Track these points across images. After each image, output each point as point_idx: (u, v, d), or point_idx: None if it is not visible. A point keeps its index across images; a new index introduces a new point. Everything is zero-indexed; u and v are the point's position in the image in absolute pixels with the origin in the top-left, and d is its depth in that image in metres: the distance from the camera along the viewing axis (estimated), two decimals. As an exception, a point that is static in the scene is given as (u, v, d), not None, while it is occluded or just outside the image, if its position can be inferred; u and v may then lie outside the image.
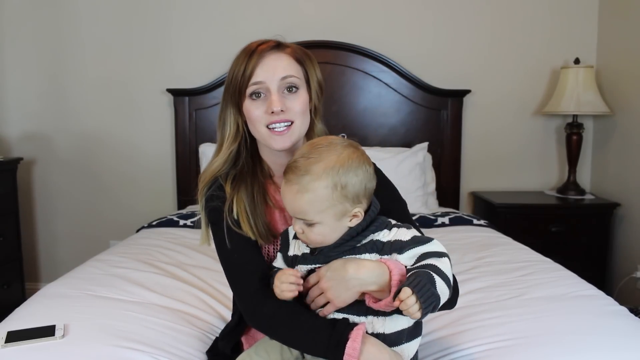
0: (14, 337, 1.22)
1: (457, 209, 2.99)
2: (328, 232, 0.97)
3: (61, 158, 3.09)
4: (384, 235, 0.98)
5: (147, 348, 1.22)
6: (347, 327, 0.96)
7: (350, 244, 0.98)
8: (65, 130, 3.06)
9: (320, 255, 1.00)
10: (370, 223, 0.98)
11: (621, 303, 1.51)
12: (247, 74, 1.10)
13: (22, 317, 1.37)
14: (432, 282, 0.87)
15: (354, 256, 0.98)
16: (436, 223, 2.44)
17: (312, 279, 1.00)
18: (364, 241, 0.98)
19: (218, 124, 1.18)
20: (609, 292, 2.03)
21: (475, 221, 2.48)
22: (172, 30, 3.00)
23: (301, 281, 1.00)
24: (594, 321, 1.34)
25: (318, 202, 0.94)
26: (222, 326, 1.42)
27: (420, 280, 0.87)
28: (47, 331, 1.24)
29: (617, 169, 2.85)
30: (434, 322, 1.37)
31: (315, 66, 1.17)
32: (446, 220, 2.47)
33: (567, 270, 1.78)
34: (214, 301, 1.58)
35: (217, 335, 1.31)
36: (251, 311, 1.06)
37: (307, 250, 1.02)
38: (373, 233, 0.98)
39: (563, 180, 3.02)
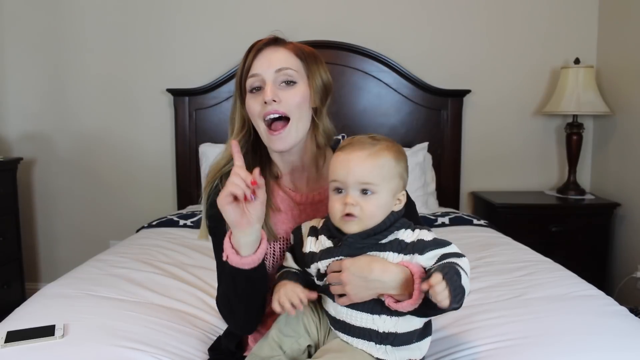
0: (13, 337, 1.22)
1: (457, 209, 2.99)
2: (382, 205, 0.98)
3: (61, 158, 3.09)
4: (408, 236, 0.99)
5: (147, 348, 1.22)
6: None
7: (376, 238, 0.98)
8: (65, 130, 3.06)
9: (345, 247, 0.99)
10: (396, 220, 1.00)
11: (621, 303, 1.51)
12: (246, 68, 1.11)
13: (22, 317, 1.37)
14: (459, 275, 0.89)
15: (377, 253, 0.98)
16: (436, 223, 2.44)
17: (335, 266, 0.99)
18: (390, 237, 0.99)
19: (229, 120, 1.19)
20: (609, 292, 2.03)
21: (475, 221, 2.49)
22: (172, 31, 3.00)
23: (306, 301, 0.99)
24: (594, 321, 1.34)
25: (386, 168, 0.98)
26: (222, 326, 1.42)
27: (449, 270, 0.88)
28: (47, 331, 1.24)
29: (617, 169, 2.85)
30: (434, 322, 1.36)
31: (321, 66, 1.15)
32: (446, 220, 2.47)
33: (567, 270, 1.78)
34: (213, 301, 1.57)
35: (220, 334, 1.31)
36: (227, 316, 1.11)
37: (330, 244, 1.02)
38: (397, 230, 0.99)
39: (563, 180, 3.02)
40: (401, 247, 0.98)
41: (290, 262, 1.08)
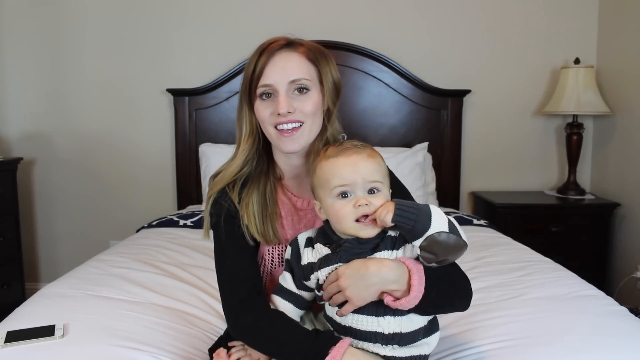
0: (13, 337, 1.22)
1: (457, 209, 2.99)
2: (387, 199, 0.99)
3: (61, 158, 3.09)
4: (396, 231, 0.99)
5: (147, 348, 1.22)
6: (330, 340, 0.96)
7: (374, 241, 0.98)
8: (65, 130, 3.06)
9: (343, 253, 0.99)
10: None
11: (621, 303, 1.51)
12: (257, 73, 1.08)
13: (22, 317, 1.36)
14: (427, 214, 0.92)
15: (373, 256, 0.98)
16: (436, 223, 2.44)
17: (331, 277, 0.99)
18: (384, 237, 0.99)
19: (237, 123, 1.17)
20: (609, 292, 2.03)
21: (475, 221, 2.49)
22: (172, 31, 3.00)
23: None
24: (594, 321, 1.34)
25: (382, 167, 1.01)
26: (222, 326, 1.42)
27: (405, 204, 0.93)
28: (47, 331, 1.24)
29: (617, 169, 2.85)
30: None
31: (331, 65, 1.14)
32: (446, 220, 2.46)
33: (567, 270, 1.78)
34: (214, 301, 1.58)
35: (221, 334, 1.31)
36: (232, 320, 1.07)
37: (328, 252, 1.01)
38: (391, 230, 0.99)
39: (563, 180, 3.02)
40: (392, 243, 0.98)
41: (289, 282, 1.07)
